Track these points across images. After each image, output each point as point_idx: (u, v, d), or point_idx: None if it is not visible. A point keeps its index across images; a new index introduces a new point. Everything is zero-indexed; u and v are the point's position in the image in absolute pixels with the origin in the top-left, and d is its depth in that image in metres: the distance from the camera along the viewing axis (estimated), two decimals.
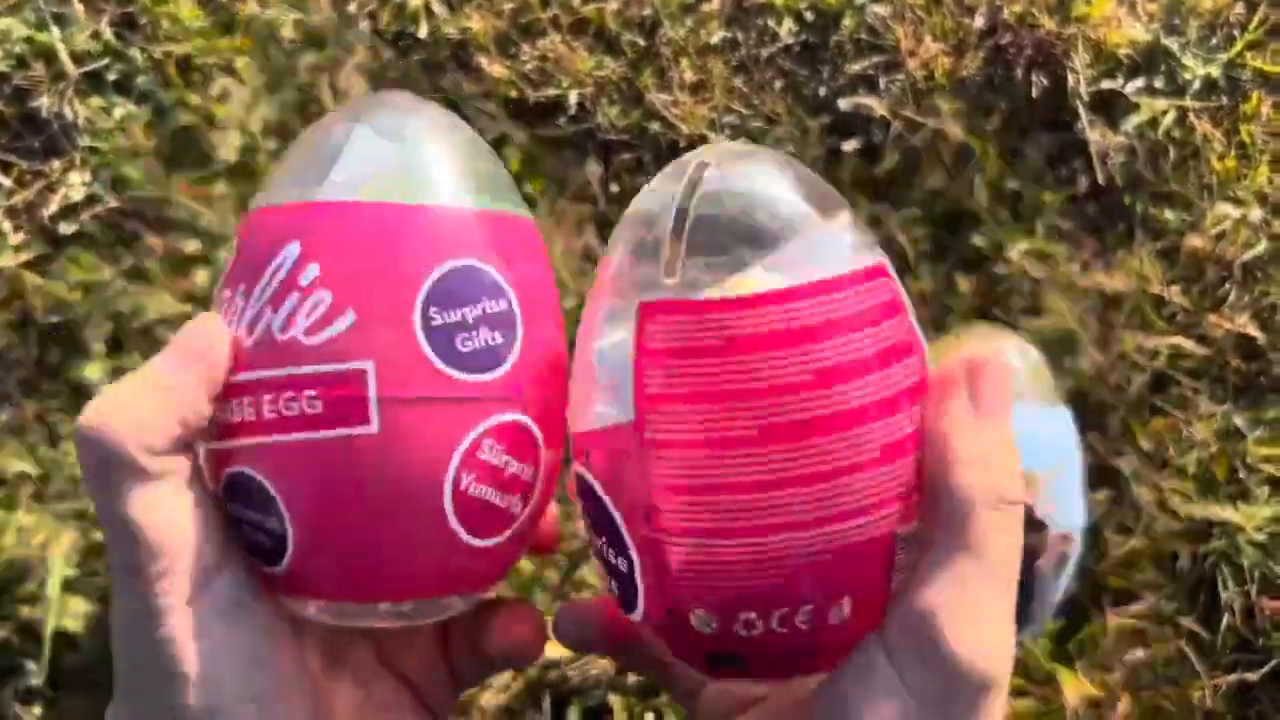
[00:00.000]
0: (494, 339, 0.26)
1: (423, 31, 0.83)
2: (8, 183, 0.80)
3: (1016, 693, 0.70)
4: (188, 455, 0.25)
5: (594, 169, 0.81)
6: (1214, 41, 0.82)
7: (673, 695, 0.31)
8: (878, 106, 0.81)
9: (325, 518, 0.25)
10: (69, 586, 0.74)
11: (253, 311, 0.26)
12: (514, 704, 0.68)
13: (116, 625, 0.26)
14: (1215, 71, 0.81)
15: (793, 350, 0.24)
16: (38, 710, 0.73)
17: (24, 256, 0.79)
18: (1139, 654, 0.73)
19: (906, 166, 0.80)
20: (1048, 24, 0.82)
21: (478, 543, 0.26)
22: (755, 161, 0.27)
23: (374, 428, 0.25)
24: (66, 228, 0.79)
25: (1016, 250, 0.78)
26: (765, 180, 0.26)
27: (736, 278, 0.24)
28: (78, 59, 0.82)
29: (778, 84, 0.82)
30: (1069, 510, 0.70)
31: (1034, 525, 0.65)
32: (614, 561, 0.26)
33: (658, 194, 0.26)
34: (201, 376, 0.25)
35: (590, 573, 0.69)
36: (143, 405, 0.24)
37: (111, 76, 0.82)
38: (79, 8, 0.83)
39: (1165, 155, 0.80)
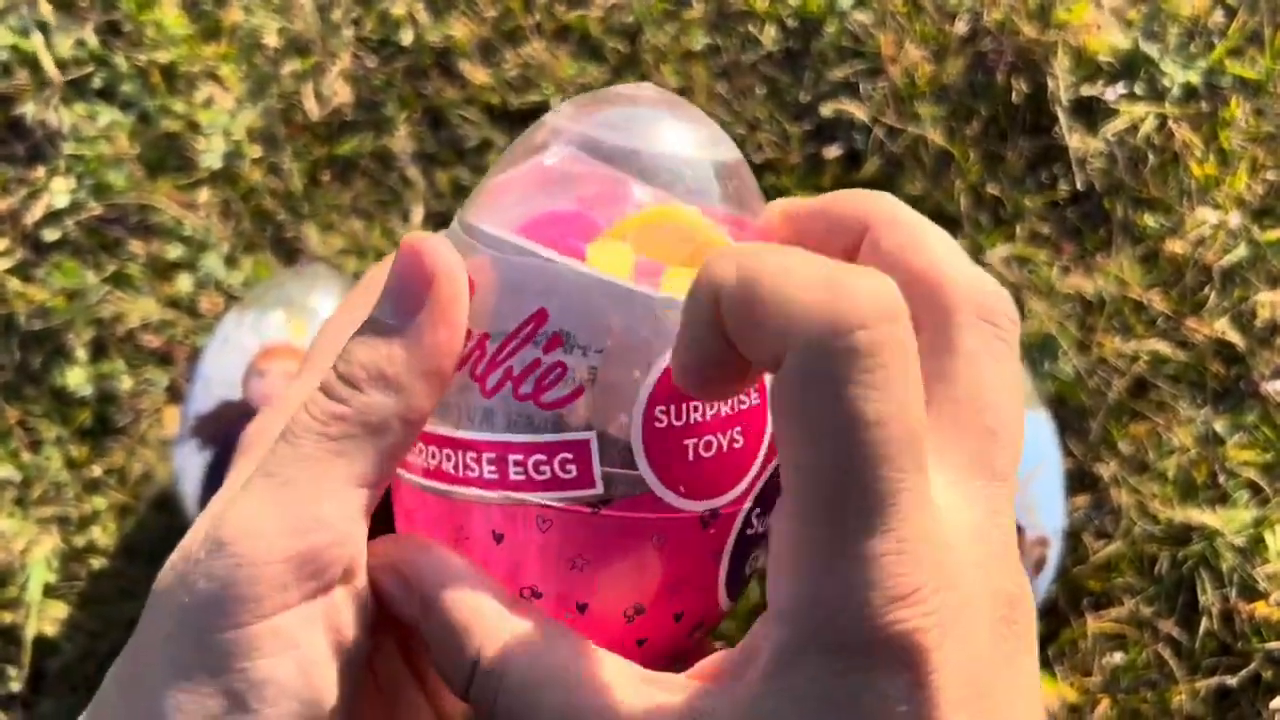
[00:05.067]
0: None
1: (406, 39, 0.83)
2: None
3: None
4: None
5: None
6: (1193, 48, 0.82)
7: None
8: (859, 112, 0.81)
9: None
10: (50, 592, 0.74)
11: None
12: None
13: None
14: (1195, 78, 0.81)
15: None
16: (18, 716, 0.73)
17: (7, 263, 0.79)
18: (1118, 658, 0.73)
19: (888, 172, 0.81)
20: (1028, 30, 0.82)
21: None
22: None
23: None
24: (50, 234, 0.79)
25: (996, 255, 0.78)
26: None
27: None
28: (62, 66, 0.82)
29: (760, 90, 0.82)
30: (1047, 514, 0.70)
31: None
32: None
33: None
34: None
35: None
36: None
37: (95, 83, 0.82)
38: (62, 15, 0.83)
39: (1145, 161, 0.80)
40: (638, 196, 0.25)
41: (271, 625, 0.24)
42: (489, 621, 0.24)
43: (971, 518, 0.23)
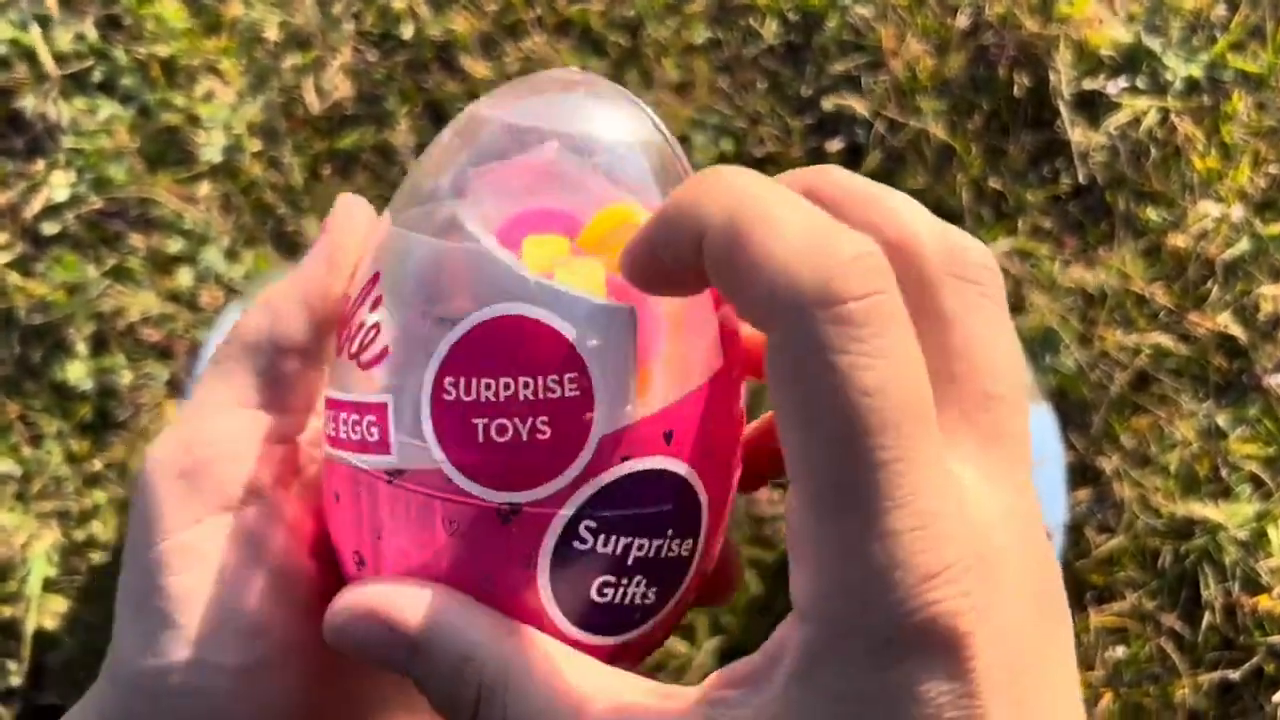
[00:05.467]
0: None
1: (407, 32, 0.83)
2: None
3: None
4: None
5: None
6: (1195, 41, 0.82)
7: None
8: (861, 107, 0.81)
9: None
10: (50, 586, 0.74)
11: None
12: None
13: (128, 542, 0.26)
14: (1197, 71, 0.81)
15: None
16: (18, 709, 0.72)
17: (7, 256, 0.79)
18: (1120, 652, 0.73)
19: (890, 166, 0.80)
20: (1030, 24, 0.82)
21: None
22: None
23: None
24: (50, 228, 0.79)
25: (999, 249, 0.78)
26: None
27: None
28: (61, 59, 0.82)
29: (761, 84, 0.82)
30: (1050, 508, 0.70)
31: None
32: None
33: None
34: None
35: None
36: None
37: (95, 77, 0.82)
38: (62, 9, 0.83)
39: (1147, 154, 0.80)
40: (596, 192, 0.25)
41: (179, 541, 0.25)
42: (486, 651, 0.23)
43: (997, 492, 0.21)
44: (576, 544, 0.24)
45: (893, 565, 0.19)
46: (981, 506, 0.21)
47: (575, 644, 0.24)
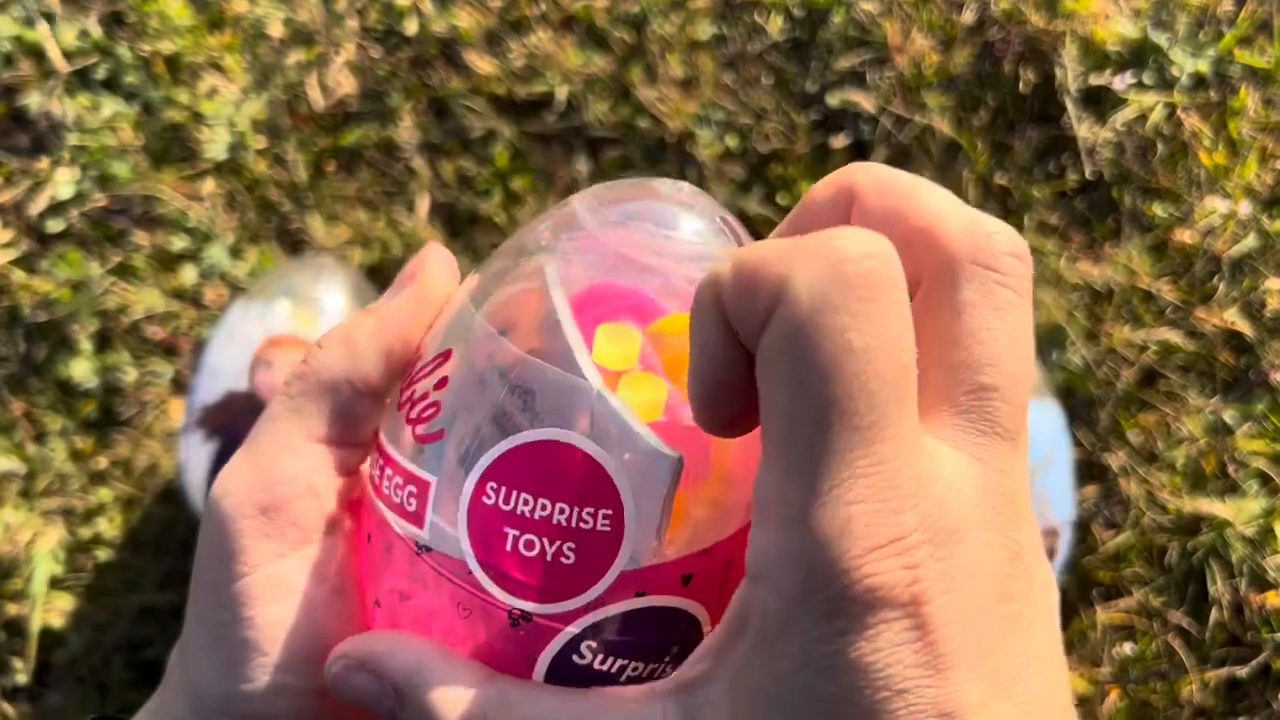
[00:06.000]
0: None
1: (411, 28, 0.83)
2: None
3: None
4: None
5: (582, 165, 0.81)
6: (1202, 36, 0.82)
7: None
8: (866, 102, 0.81)
9: None
10: (55, 584, 0.74)
11: None
12: None
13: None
14: (1204, 67, 0.81)
15: None
16: (24, 708, 0.72)
17: (11, 254, 0.79)
18: (1127, 649, 0.73)
19: (895, 162, 0.80)
20: (1036, 19, 0.81)
21: None
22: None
23: None
24: (54, 225, 0.79)
25: None
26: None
27: None
28: (65, 56, 0.82)
29: (766, 80, 0.82)
30: (1056, 505, 0.70)
31: None
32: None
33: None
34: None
35: None
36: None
37: (99, 74, 0.82)
38: (66, 5, 0.83)
39: (1154, 150, 0.80)
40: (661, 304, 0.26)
41: (264, 575, 0.26)
42: (466, 703, 0.24)
43: (975, 472, 0.21)
44: (575, 658, 0.24)
45: (841, 534, 0.19)
46: (953, 484, 0.21)
47: None
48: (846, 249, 0.19)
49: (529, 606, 0.24)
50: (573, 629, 0.24)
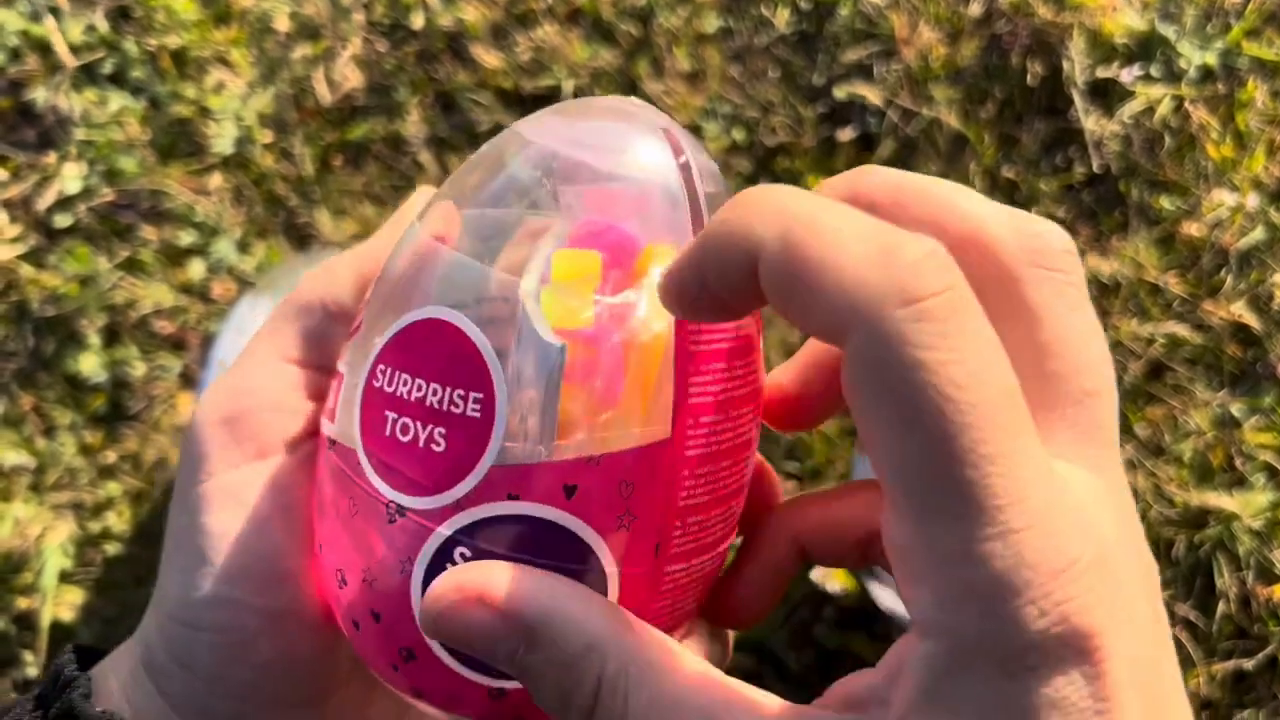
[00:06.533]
0: None
1: (418, 22, 0.83)
2: (3, 175, 0.80)
3: None
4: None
5: None
6: (1210, 29, 0.82)
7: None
8: (873, 95, 0.81)
9: None
10: (65, 578, 0.74)
11: None
12: None
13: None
14: (1211, 59, 0.81)
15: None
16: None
17: (19, 249, 0.79)
18: None
19: (902, 155, 0.80)
20: (1043, 12, 0.81)
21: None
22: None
23: None
24: (62, 220, 0.79)
25: None
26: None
27: None
28: (72, 51, 0.82)
29: (773, 73, 0.82)
30: None
31: None
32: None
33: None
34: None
35: None
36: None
37: (106, 69, 0.82)
38: (73, 0, 0.83)
39: (1161, 143, 0.80)
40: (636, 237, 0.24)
41: (219, 483, 0.26)
42: (607, 642, 0.21)
43: (1100, 488, 0.20)
44: (450, 566, 0.22)
45: (1019, 564, 0.17)
46: (1090, 503, 0.20)
47: (450, 674, 0.23)
48: (922, 278, 0.18)
49: (402, 499, 0.23)
50: (444, 529, 0.22)
